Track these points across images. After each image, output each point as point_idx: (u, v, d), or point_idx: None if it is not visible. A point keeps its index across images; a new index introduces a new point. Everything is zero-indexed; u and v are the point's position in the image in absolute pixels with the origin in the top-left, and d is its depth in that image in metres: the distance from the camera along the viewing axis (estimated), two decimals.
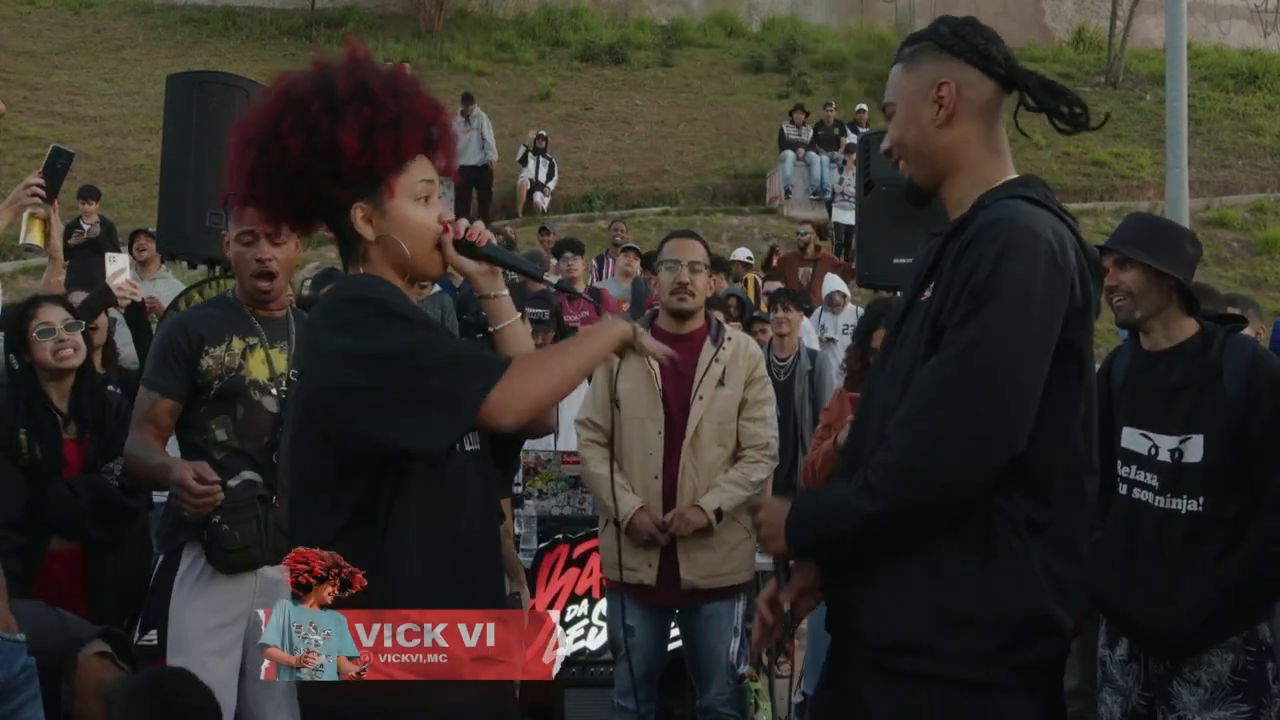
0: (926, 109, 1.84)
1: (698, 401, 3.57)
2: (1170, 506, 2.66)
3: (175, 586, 2.90)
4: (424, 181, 1.89)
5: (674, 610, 3.70)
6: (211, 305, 3.11)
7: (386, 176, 1.85)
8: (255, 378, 2.91)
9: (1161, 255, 2.73)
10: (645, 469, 3.57)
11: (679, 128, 17.31)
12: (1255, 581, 2.55)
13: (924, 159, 1.88)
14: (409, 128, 1.84)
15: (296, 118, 1.80)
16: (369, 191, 1.85)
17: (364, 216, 1.85)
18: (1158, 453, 2.71)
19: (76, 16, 19.62)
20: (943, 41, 1.86)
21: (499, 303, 2.00)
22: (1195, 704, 2.58)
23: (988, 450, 1.67)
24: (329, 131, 1.78)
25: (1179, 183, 6.71)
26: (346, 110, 1.79)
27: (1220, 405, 2.62)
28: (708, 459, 3.58)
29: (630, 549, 3.54)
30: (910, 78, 1.88)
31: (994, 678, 1.71)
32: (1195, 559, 2.61)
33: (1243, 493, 2.60)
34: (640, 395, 3.58)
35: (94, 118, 15.73)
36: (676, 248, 3.70)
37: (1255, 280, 13.22)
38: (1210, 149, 16.77)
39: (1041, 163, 16.41)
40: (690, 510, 3.52)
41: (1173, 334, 2.76)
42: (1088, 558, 1.83)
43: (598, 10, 20.90)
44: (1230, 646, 2.58)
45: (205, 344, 2.88)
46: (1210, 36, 20.88)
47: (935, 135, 1.85)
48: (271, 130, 1.82)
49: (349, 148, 1.78)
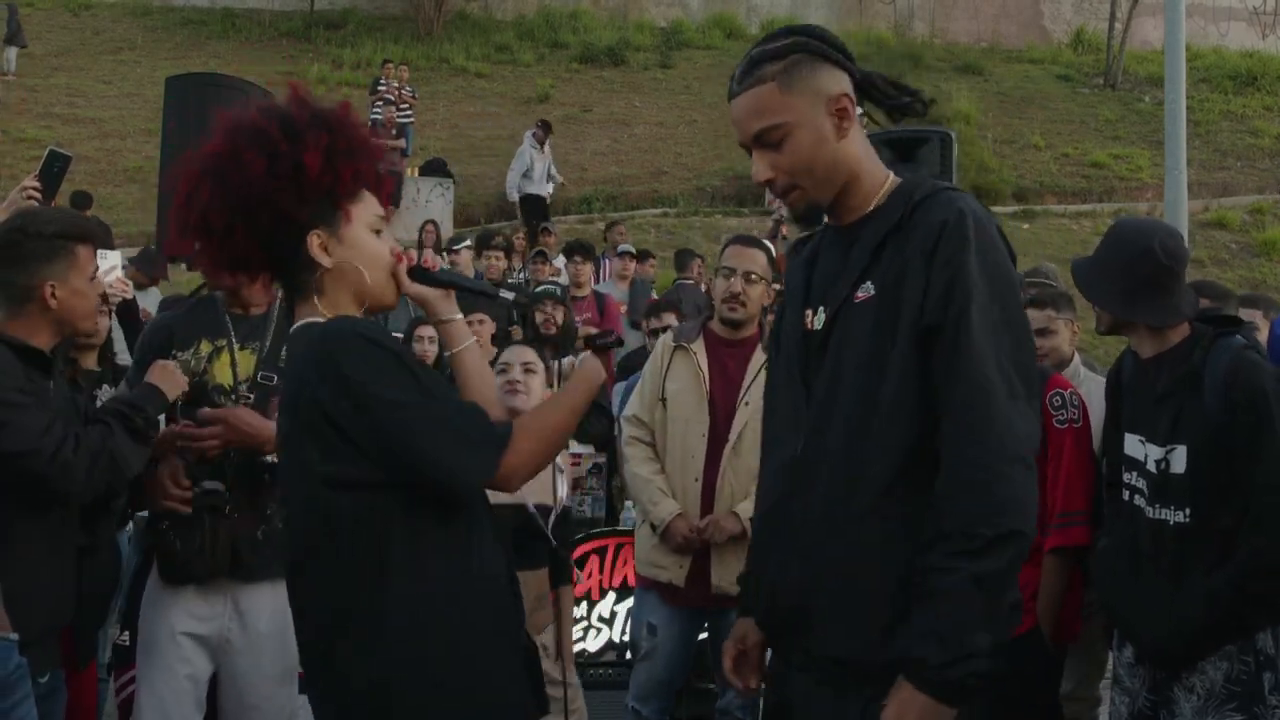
0: (827, 124, 1.79)
1: (743, 407, 3.53)
2: (1160, 516, 2.63)
3: (147, 590, 2.87)
4: (377, 215, 1.92)
5: (701, 616, 3.66)
6: (186, 307, 3.07)
7: (344, 203, 1.86)
8: (219, 382, 2.84)
9: (1102, 293, 2.71)
10: (685, 471, 3.54)
11: (678, 129, 17.31)
12: (1242, 597, 2.49)
13: (830, 176, 1.82)
14: (365, 157, 1.88)
15: (256, 143, 1.81)
16: (327, 218, 1.85)
17: (320, 244, 1.84)
18: (1148, 460, 2.67)
19: (75, 18, 19.64)
20: (817, 50, 1.80)
21: (454, 327, 2.05)
22: (1190, 711, 2.56)
23: None
24: (291, 153, 1.80)
25: (1177, 184, 6.71)
26: (306, 134, 1.81)
27: (1200, 416, 2.55)
28: (748, 465, 3.49)
29: (664, 550, 3.52)
30: (797, 96, 1.77)
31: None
32: (1184, 571, 2.57)
33: (1233, 505, 2.53)
34: (688, 397, 3.56)
35: (93, 119, 15.74)
36: (735, 255, 3.61)
37: (1254, 282, 13.21)
38: (1209, 151, 16.77)
39: (1040, 164, 16.44)
40: (726, 518, 3.48)
41: (1155, 342, 2.70)
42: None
43: (597, 12, 20.91)
44: (1225, 655, 2.54)
45: (173, 347, 2.85)
46: (1209, 38, 20.90)
47: (838, 149, 1.80)
48: (230, 159, 1.81)
49: (312, 167, 1.79)
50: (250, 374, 2.86)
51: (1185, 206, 6.78)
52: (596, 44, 19.61)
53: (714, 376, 3.56)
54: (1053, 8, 22.23)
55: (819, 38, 1.82)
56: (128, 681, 3.03)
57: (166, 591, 2.80)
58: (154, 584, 2.84)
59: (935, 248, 1.73)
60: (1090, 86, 19.30)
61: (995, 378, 1.69)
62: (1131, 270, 2.68)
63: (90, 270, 2.60)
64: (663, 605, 3.55)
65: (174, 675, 2.76)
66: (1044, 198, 15.61)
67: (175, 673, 2.76)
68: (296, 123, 1.83)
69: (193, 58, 17.26)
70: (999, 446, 1.68)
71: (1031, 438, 1.72)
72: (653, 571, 3.54)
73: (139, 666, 2.83)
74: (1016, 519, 1.67)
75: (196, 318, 2.93)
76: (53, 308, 2.53)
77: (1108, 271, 2.72)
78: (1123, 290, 2.68)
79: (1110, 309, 2.71)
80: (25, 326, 2.53)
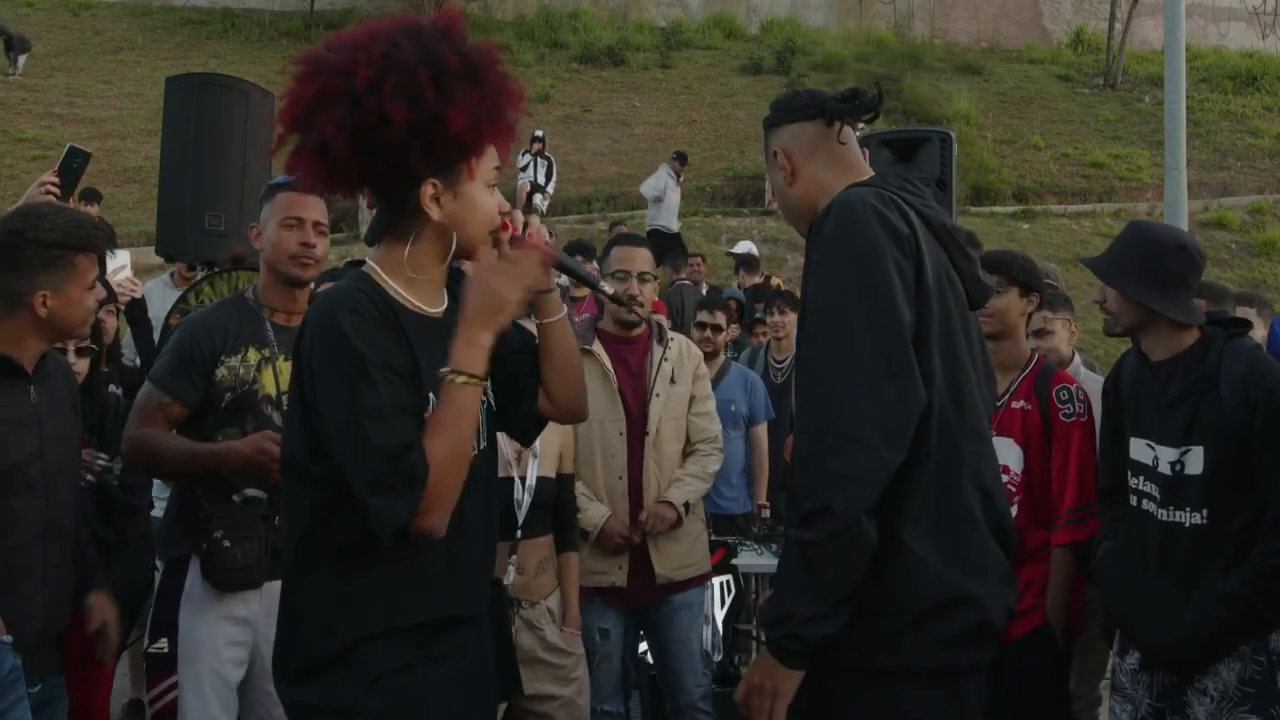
0: (778, 176, 2.15)
1: (655, 399, 3.62)
2: (1173, 519, 2.62)
3: (184, 598, 2.84)
4: (495, 168, 1.86)
5: (642, 612, 3.69)
6: (229, 309, 2.94)
7: (470, 157, 1.81)
8: (267, 392, 2.84)
9: (1134, 281, 2.67)
10: (609, 470, 3.58)
11: (678, 129, 17.31)
12: (1260, 596, 2.48)
13: (796, 212, 2.15)
14: (505, 114, 1.81)
15: (400, 84, 1.70)
16: (447, 170, 1.80)
17: (433, 195, 1.80)
18: (1158, 464, 2.66)
19: (75, 18, 19.65)
20: (768, 123, 2.19)
21: (549, 297, 2.00)
22: (1203, 713, 2.54)
23: None
24: (436, 106, 1.71)
25: (1177, 184, 6.70)
26: (455, 88, 1.72)
27: (1218, 416, 2.55)
28: (669, 455, 3.64)
29: (599, 555, 3.55)
30: (767, 159, 2.19)
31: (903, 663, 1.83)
32: (1199, 572, 2.57)
33: (1249, 505, 2.53)
34: (598, 398, 3.53)
35: (93, 119, 15.74)
36: (625, 257, 3.64)
37: (1254, 282, 13.22)
38: (1209, 151, 16.78)
39: (1040, 164, 16.45)
40: (662, 507, 3.57)
41: (1170, 344, 2.69)
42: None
43: (596, 12, 20.91)
44: (1238, 655, 2.52)
45: (222, 353, 2.80)
46: (1209, 38, 20.91)
47: (791, 192, 2.13)
48: (370, 93, 1.71)
49: (456, 126, 1.72)
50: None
51: (1185, 206, 6.77)
52: (596, 44, 19.63)
53: (620, 374, 3.60)
54: (1053, 8, 22.23)
55: (774, 107, 2.19)
56: (166, 689, 2.98)
57: (211, 597, 2.79)
58: (198, 591, 2.81)
59: (808, 247, 1.97)
60: (1090, 86, 19.31)
61: (839, 356, 1.80)
62: (1165, 265, 2.68)
63: (88, 280, 2.55)
64: (608, 608, 3.58)
65: (219, 680, 2.76)
66: (1044, 198, 15.62)
67: (220, 677, 2.76)
68: (448, 72, 1.73)
69: (193, 58, 17.27)
70: (831, 421, 1.78)
71: (883, 415, 1.77)
72: (594, 579, 3.55)
73: (182, 673, 2.81)
74: (832, 494, 1.74)
75: (244, 324, 2.87)
76: (42, 316, 2.49)
77: (1145, 265, 2.69)
78: (1155, 283, 2.67)
79: (1146, 300, 2.67)
80: (9, 332, 2.48)
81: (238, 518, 2.77)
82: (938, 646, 1.84)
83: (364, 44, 1.75)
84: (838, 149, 2.09)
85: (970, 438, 1.92)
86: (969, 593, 1.85)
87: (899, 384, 1.79)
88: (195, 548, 2.79)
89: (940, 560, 1.84)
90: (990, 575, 1.91)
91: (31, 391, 2.53)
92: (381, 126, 1.71)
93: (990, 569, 1.92)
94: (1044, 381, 3.15)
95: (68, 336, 2.64)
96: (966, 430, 1.91)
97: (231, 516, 2.76)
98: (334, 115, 1.73)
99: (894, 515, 1.81)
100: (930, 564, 1.83)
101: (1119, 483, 2.80)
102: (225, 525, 2.75)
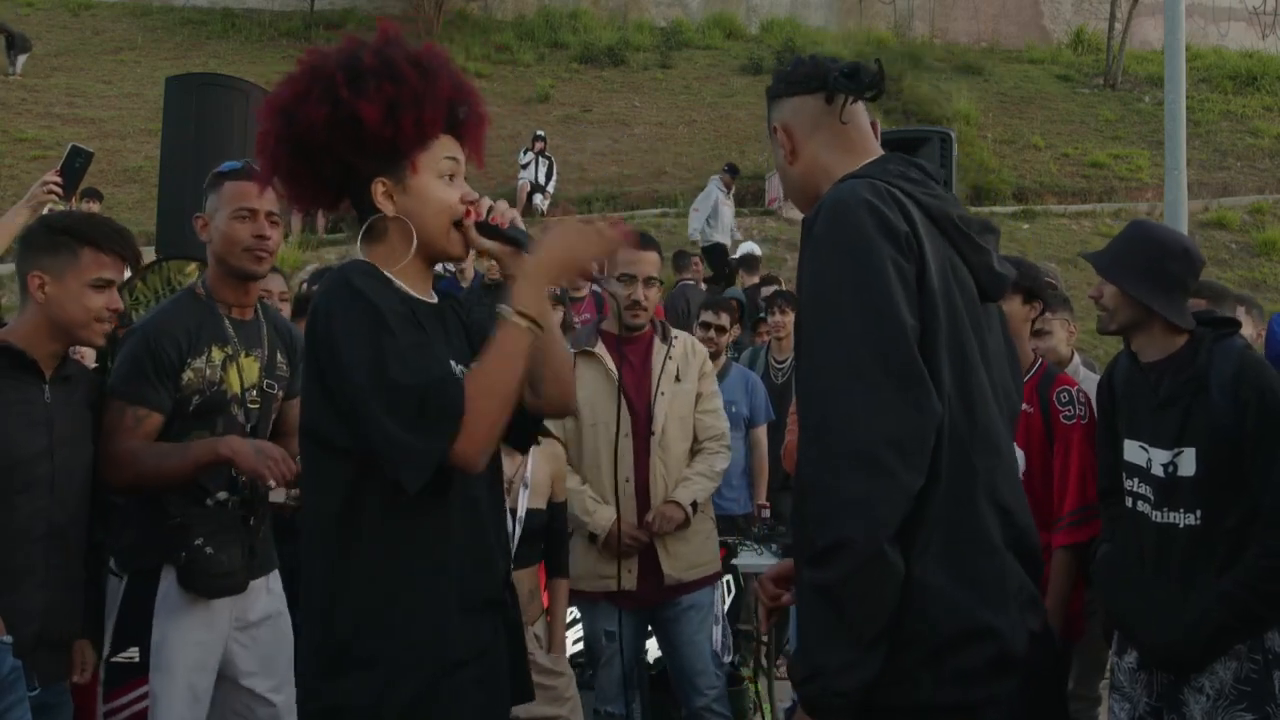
0: (779, 154, 2.01)
1: (661, 398, 3.59)
2: (1168, 520, 2.62)
3: (159, 607, 2.70)
4: (448, 159, 1.91)
5: (650, 614, 3.69)
6: (184, 307, 2.79)
7: (410, 151, 1.87)
8: (234, 391, 2.75)
9: (1135, 279, 2.67)
10: (616, 473, 3.55)
11: (678, 129, 17.30)
12: (1256, 597, 2.49)
13: (798, 193, 2.02)
14: (432, 104, 1.86)
15: (321, 89, 1.83)
16: (391, 166, 1.87)
17: (384, 192, 1.88)
18: (1152, 466, 2.67)
19: (75, 18, 19.63)
20: (770, 94, 2.03)
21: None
22: (1199, 712, 2.55)
23: None
24: (350, 103, 1.80)
25: (1177, 184, 6.70)
26: (368, 83, 1.81)
27: (1210, 418, 2.56)
28: (675, 454, 3.62)
29: (607, 558, 3.52)
30: (770, 135, 2.04)
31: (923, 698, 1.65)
32: (1196, 573, 2.57)
33: (1241, 505, 2.54)
34: (601, 400, 3.54)
35: (93, 119, 15.73)
36: (633, 260, 3.60)
37: (1254, 282, 13.21)
38: (1209, 151, 16.77)
39: (1040, 164, 16.44)
40: (669, 507, 3.55)
41: (1161, 345, 2.70)
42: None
43: (596, 12, 20.90)
44: (1234, 654, 2.53)
45: (188, 355, 2.68)
46: (1209, 38, 20.90)
47: (792, 170, 2.00)
48: (298, 101, 1.85)
49: (370, 119, 1.80)
50: (256, 380, 2.80)
51: (1185, 206, 6.77)
52: (596, 44, 19.61)
53: (624, 374, 3.57)
54: (1053, 8, 22.22)
55: (776, 78, 2.03)
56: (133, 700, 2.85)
57: (188, 604, 2.70)
58: (174, 599, 2.70)
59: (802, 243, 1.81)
60: (1090, 86, 19.30)
61: (839, 366, 1.63)
62: (1167, 267, 2.68)
63: (90, 276, 2.53)
64: (615, 610, 3.54)
65: (195, 687, 2.71)
66: (1044, 198, 15.61)
67: (195, 684, 2.71)
68: (363, 70, 1.83)
69: (193, 58, 17.25)
70: (837, 441, 1.60)
71: (896, 430, 1.59)
72: (600, 584, 3.53)
73: (156, 681, 2.70)
74: (845, 526, 1.56)
75: (204, 323, 2.74)
76: (40, 302, 2.49)
77: (1148, 265, 2.70)
78: (1156, 283, 2.67)
79: (1147, 299, 2.67)
80: (27, 327, 2.51)
81: (216, 522, 2.69)
82: (954, 682, 1.65)
83: (301, 65, 1.90)
84: (839, 128, 1.95)
85: (984, 452, 1.73)
86: (987, 624, 1.66)
87: (910, 394, 1.61)
88: (168, 557, 2.68)
89: (955, 590, 1.65)
90: (1010, 603, 1.71)
91: (46, 391, 2.53)
92: (309, 132, 1.83)
93: (1011, 595, 1.72)
94: (1046, 385, 3.16)
95: (71, 337, 2.59)
96: (979, 444, 1.72)
97: (210, 521, 2.69)
98: (275, 130, 1.87)
99: (902, 544, 1.62)
100: (944, 594, 1.64)
101: (1116, 484, 2.80)
102: (205, 531, 2.67)
